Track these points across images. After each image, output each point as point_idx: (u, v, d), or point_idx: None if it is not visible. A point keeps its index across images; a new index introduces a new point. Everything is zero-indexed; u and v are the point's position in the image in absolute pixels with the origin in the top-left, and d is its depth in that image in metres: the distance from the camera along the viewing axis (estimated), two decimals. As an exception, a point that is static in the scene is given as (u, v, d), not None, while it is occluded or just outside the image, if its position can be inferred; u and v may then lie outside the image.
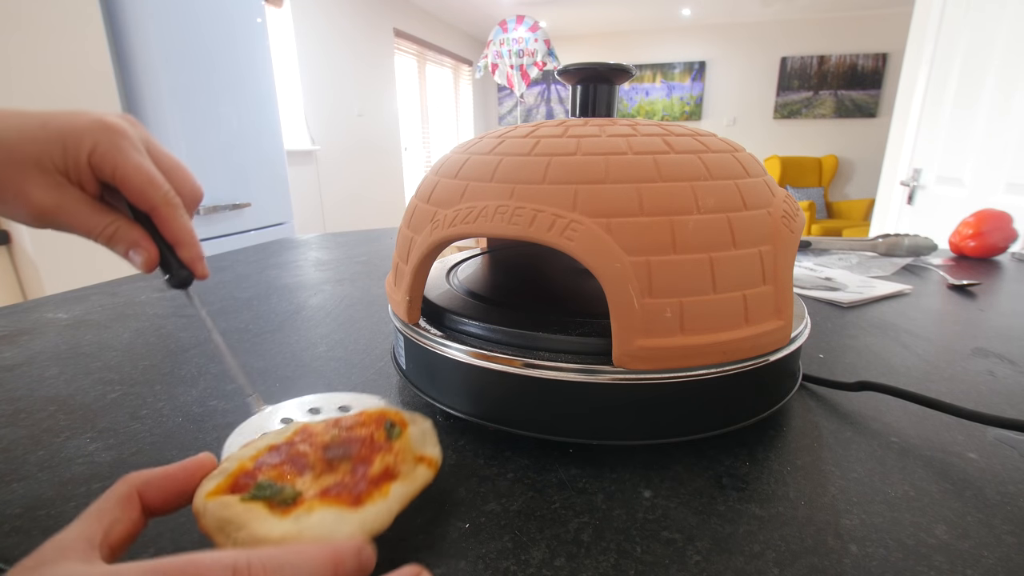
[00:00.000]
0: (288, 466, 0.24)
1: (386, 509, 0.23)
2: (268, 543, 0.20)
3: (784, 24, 4.83)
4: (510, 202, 0.33)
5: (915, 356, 0.50)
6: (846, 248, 0.97)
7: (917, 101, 1.87)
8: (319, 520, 0.21)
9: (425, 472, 0.27)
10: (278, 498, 0.22)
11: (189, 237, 0.32)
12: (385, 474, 0.25)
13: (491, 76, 3.92)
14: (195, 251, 0.32)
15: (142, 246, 0.30)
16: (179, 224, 0.31)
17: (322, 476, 0.24)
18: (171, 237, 0.31)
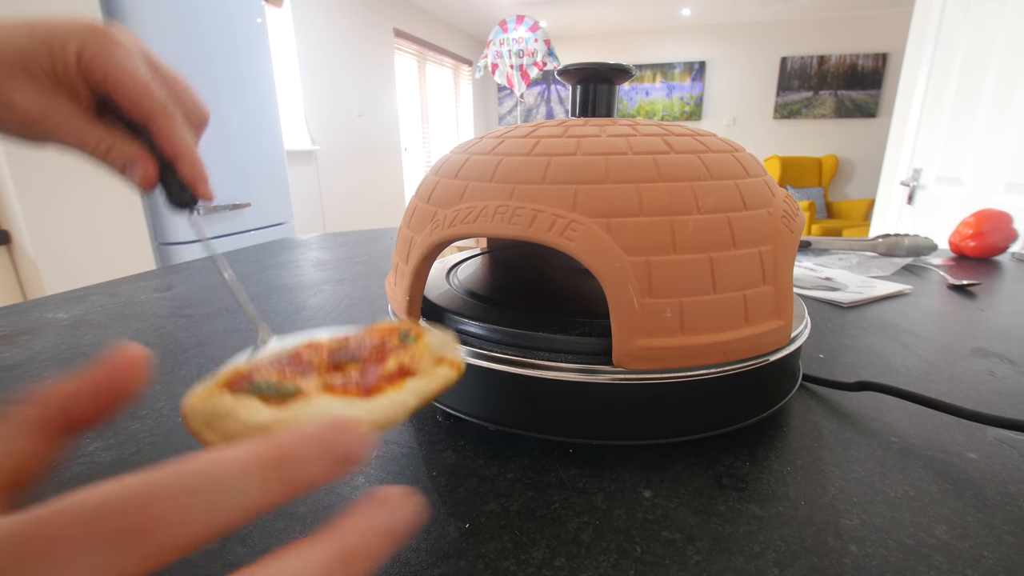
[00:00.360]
0: (290, 369, 0.21)
1: (400, 400, 0.20)
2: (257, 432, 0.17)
3: (784, 24, 4.83)
4: (510, 202, 0.33)
5: (915, 356, 0.50)
6: (846, 248, 0.97)
7: (917, 101, 1.87)
8: (321, 405, 0.18)
9: (447, 371, 0.23)
10: (275, 392, 0.19)
11: (189, 152, 0.29)
12: (400, 372, 0.22)
13: (491, 76, 3.92)
14: (196, 169, 0.30)
15: (139, 162, 0.28)
16: (178, 137, 0.29)
17: (328, 376, 0.21)
18: (170, 151, 0.29)
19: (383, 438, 0.36)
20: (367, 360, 0.22)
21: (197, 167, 0.30)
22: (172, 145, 0.29)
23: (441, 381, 0.22)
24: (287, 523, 0.28)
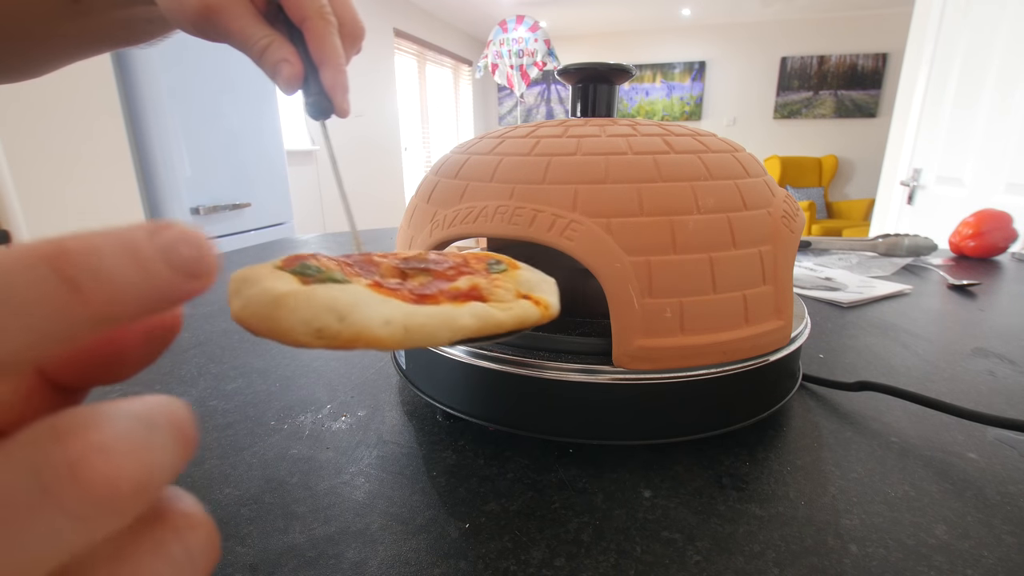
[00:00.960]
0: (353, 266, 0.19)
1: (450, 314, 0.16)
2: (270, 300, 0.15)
3: (784, 24, 4.83)
4: (510, 202, 0.33)
5: (915, 356, 0.50)
6: (846, 248, 0.97)
7: (917, 101, 1.87)
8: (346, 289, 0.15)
9: (527, 307, 0.19)
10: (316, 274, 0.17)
11: (336, 60, 0.30)
12: (471, 293, 0.19)
13: (491, 76, 3.92)
14: (339, 78, 0.30)
15: (291, 60, 0.29)
16: (329, 43, 0.30)
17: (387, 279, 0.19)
18: (318, 55, 0.30)
19: (383, 438, 0.36)
20: (439, 275, 0.20)
21: (340, 76, 0.30)
22: (321, 50, 0.30)
23: (516, 314, 0.19)
24: (287, 522, 0.28)
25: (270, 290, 0.15)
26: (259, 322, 0.15)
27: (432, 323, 0.16)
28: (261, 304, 0.15)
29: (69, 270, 0.09)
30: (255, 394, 0.42)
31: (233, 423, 0.38)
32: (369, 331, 0.14)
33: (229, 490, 0.31)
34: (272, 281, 0.15)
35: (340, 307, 0.14)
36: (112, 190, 1.57)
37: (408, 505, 0.29)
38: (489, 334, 0.17)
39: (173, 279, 0.09)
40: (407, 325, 0.15)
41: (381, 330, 0.15)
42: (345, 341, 0.14)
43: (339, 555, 0.26)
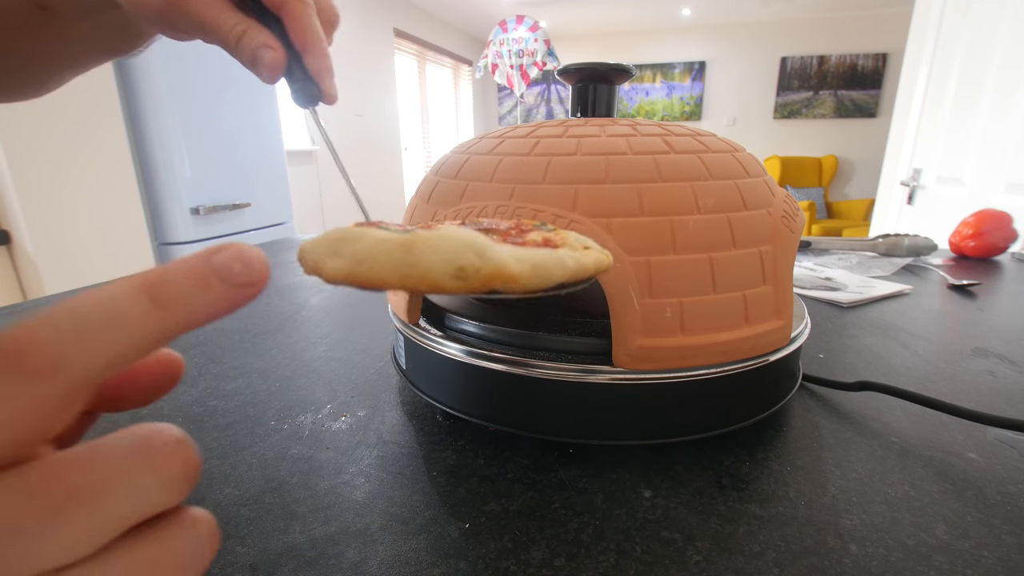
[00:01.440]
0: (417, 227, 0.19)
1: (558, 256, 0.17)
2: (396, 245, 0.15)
3: (784, 24, 4.83)
4: (510, 202, 0.33)
5: (915, 356, 0.50)
6: (846, 248, 0.97)
7: (917, 101, 1.87)
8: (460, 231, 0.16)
9: (601, 253, 0.20)
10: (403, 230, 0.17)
11: (319, 44, 0.29)
12: (546, 243, 0.19)
13: (491, 76, 3.92)
14: (324, 62, 0.29)
15: (271, 45, 0.28)
16: (309, 26, 0.29)
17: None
18: (300, 41, 0.29)
19: (383, 438, 0.36)
20: (504, 233, 0.19)
21: (325, 60, 0.29)
22: (303, 34, 0.29)
23: (594, 259, 0.19)
24: (287, 522, 0.28)
25: (394, 237, 0.15)
26: (387, 270, 0.15)
27: (549, 261, 0.16)
28: (387, 252, 0.15)
29: (156, 296, 0.12)
30: (255, 394, 0.42)
31: (233, 423, 0.38)
32: (506, 267, 0.15)
33: (229, 490, 0.31)
34: (377, 232, 0.15)
35: (477, 245, 0.15)
36: (112, 190, 1.57)
37: (408, 505, 0.29)
38: (579, 279, 0.18)
39: (228, 291, 0.13)
40: (534, 262, 0.15)
41: (515, 266, 0.15)
42: (483, 279, 0.14)
43: (339, 555, 0.26)
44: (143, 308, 0.12)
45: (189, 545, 0.13)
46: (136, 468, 0.12)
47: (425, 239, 0.15)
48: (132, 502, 0.12)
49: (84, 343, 0.11)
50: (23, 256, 1.42)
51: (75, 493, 0.12)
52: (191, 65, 1.69)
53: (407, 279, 0.15)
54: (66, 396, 0.12)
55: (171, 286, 0.12)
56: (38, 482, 0.12)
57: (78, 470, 0.12)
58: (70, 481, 0.12)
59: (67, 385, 0.11)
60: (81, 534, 0.12)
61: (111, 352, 0.12)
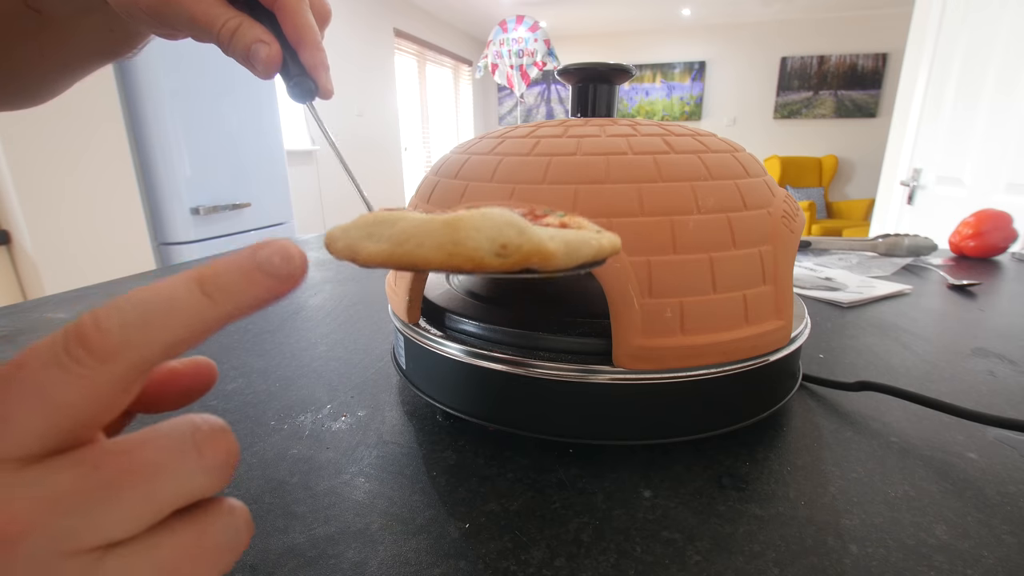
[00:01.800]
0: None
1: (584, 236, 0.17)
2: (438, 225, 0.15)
3: (784, 24, 4.83)
4: (510, 202, 0.33)
5: (915, 356, 0.50)
6: (846, 248, 0.97)
7: (917, 101, 1.87)
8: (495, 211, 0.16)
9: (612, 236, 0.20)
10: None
11: (313, 39, 0.29)
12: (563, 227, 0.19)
13: (491, 76, 3.92)
14: (319, 56, 0.29)
15: (265, 40, 0.28)
16: (303, 20, 0.28)
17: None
18: (294, 35, 0.28)
19: (383, 438, 0.36)
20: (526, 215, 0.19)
21: (320, 55, 0.29)
22: (297, 29, 0.29)
23: (610, 240, 0.19)
24: (287, 522, 0.28)
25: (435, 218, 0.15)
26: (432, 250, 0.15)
27: (577, 240, 0.17)
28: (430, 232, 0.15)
29: (207, 287, 0.13)
30: (255, 394, 0.42)
31: (233, 423, 0.38)
32: (544, 244, 0.15)
33: (229, 490, 0.31)
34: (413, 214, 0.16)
35: (517, 223, 0.15)
36: (112, 190, 1.57)
37: (408, 505, 0.29)
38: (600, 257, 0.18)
39: (270, 283, 0.14)
40: (566, 240, 0.16)
41: (551, 244, 0.15)
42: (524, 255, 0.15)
43: (339, 555, 0.26)
44: (196, 298, 0.13)
45: (227, 531, 0.14)
46: (186, 452, 0.13)
47: (468, 218, 0.15)
48: (181, 484, 0.13)
49: (144, 328, 0.13)
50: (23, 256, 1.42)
51: (134, 471, 0.13)
52: (191, 65, 1.69)
53: (453, 257, 0.15)
54: (126, 378, 0.13)
55: (220, 278, 0.13)
56: (101, 459, 0.13)
57: (138, 450, 0.13)
58: (131, 460, 0.13)
59: (126, 368, 0.13)
60: (136, 511, 0.13)
61: (167, 337, 0.13)
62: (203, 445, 0.14)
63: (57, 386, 0.12)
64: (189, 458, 0.13)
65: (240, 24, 0.27)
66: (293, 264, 0.14)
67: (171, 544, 0.13)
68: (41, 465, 0.12)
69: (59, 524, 0.12)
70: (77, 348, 0.12)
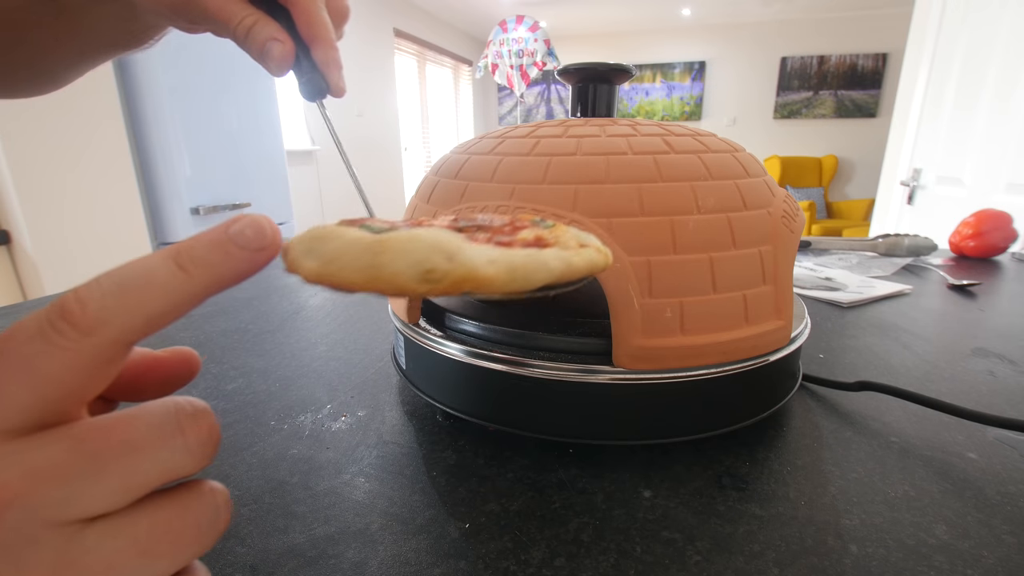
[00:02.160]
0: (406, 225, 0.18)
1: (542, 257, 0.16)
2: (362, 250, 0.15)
3: (784, 24, 4.83)
4: (510, 202, 0.33)
5: (915, 356, 0.50)
6: (846, 248, 0.97)
7: (917, 101, 1.87)
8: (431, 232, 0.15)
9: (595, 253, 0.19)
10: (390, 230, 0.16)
11: (327, 36, 0.29)
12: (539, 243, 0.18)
13: (491, 76, 3.92)
14: (332, 55, 0.29)
15: (280, 38, 0.28)
16: (317, 18, 0.29)
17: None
18: (307, 32, 0.29)
19: (383, 438, 0.36)
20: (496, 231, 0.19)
21: (332, 53, 0.29)
22: (311, 27, 0.29)
23: (587, 259, 0.18)
24: (287, 522, 0.28)
25: (363, 238, 0.14)
26: (355, 272, 0.14)
27: (530, 263, 0.15)
28: (355, 254, 0.15)
29: (182, 261, 0.14)
30: (255, 394, 0.42)
31: (233, 423, 0.38)
32: (477, 270, 0.14)
33: (229, 490, 0.31)
34: (349, 232, 0.15)
35: (446, 247, 0.14)
36: (112, 190, 1.57)
37: (408, 505, 0.29)
38: (568, 280, 0.17)
39: (243, 255, 0.14)
40: (510, 264, 0.15)
41: (488, 269, 0.14)
42: (451, 283, 0.14)
43: (339, 555, 0.26)
44: (171, 271, 0.14)
45: (207, 510, 0.15)
46: (169, 430, 0.14)
47: (394, 240, 0.14)
48: (163, 462, 0.14)
49: (123, 301, 0.13)
50: (23, 256, 1.42)
51: (118, 447, 0.13)
52: (191, 65, 1.69)
53: (374, 282, 0.14)
54: (109, 351, 0.13)
55: (194, 251, 0.14)
56: (87, 433, 0.13)
57: (122, 427, 0.13)
58: (114, 436, 0.13)
59: (107, 340, 0.13)
60: (118, 486, 0.13)
61: (146, 309, 0.13)
62: (186, 425, 0.14)
63: (42, 358, 0.12)
64: (172, 437, 0.14)
65: (256, 21, 0.28)
66: (265, 237, 0.15)
67: (150, 520, 0.14)
68: (27, 438, 0.13)
69: (43, 495, 0.12)
70: (60, 322, 0.13)
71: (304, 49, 0.29)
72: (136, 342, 0.14)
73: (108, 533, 0.13)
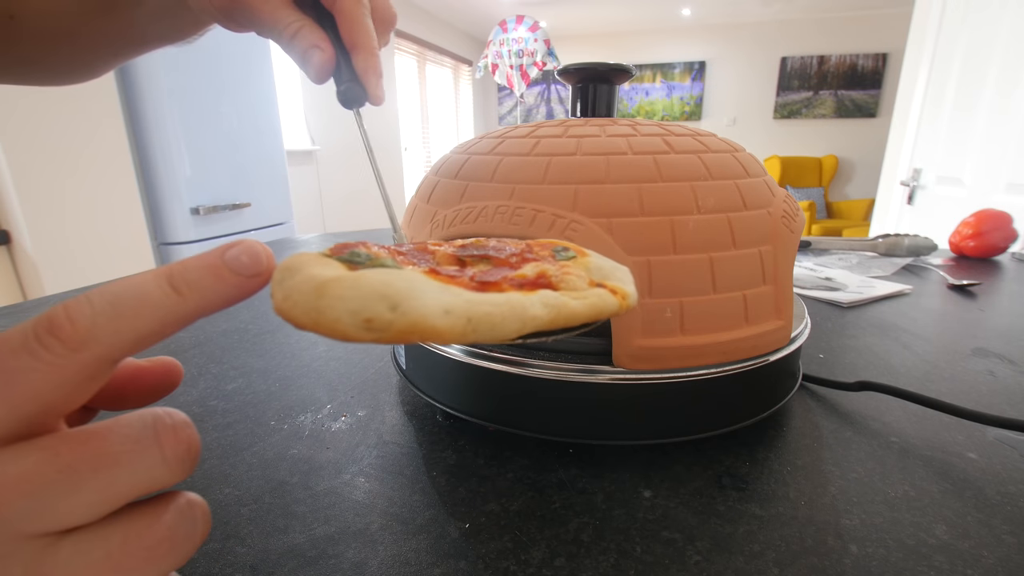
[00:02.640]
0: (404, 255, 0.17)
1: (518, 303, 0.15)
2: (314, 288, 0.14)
3: (784, 24, 4.83)
4: (510, 202, 0.33)
5: (915, 356, 0.50)
6: (846, 248, 0.97)
7: (917, 101, 1.87)
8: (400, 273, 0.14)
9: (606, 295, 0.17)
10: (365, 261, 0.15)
11: (368, 44, 0.29)
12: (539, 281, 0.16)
13: (491, 76, 3.92)
14: (372, 62, 0.29)
15: (321, 46, 0.28)
16: (361, 25, 0.29)
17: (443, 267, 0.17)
18: (350, 39, 0.29)
19: (383, 438, 0.36)
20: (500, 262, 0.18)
21: (373, 60, 0.29)
22: (353, 33, 0.29)
23: (591, 304, 0.16)
24: (287, 522, 0.28)
25: (315, 277, 0.14)
26: (302, 313, 0.13)
27: (499, 312, 0.14)
28: (304, 293, 0.14)
29: (176, 283, 0.14)
30: (255, 394, 0.42)
31: (233, 423, 0.38)
32: (426, 321, 0.13)
33: (229, 490, 0.31)
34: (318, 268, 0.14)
35: (392, 294, 0.13)
36: (112, 190, 1.57)
37: (408, 505, 0.29)
38: (562, 326, 0.16)
39: (236, 280, 0.14)
40: (470, 315, 0.13)
41: (440, 320, 0.13)
42: (397, 333, 0.13)
43: (339, 555, 0.26)
44: (165, 292, 0.14)
45: (183, 523, 0.15)
46: (146, 443, 0.14)
47: (337, 283, 0.13)
48: (139, 474, 0.13)
49: (113, 320, 0.13)
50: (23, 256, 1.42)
51: (94, 460, 0.13)
52: (192, 65, 1.68)
53: (319, 326, 0.13)
54: (94, 368, 0.13)
55: (189, 274, 0.14)
56: (62, 445, 0.13)
57: (98, 440, 0.13)
58: (91, 448, 0.13)
59: (94, 357, 0.13)
60: (93, 498, 0.13)
61: (136, 329, 0.13)
62: (164, 437, 0.14)
63: (26, 373, 0.12)
64: (149, 450, 0.14)
65: (302, 27, 0.28)
66: (259, 263, 0.15)
67: (124, 533, 0.14)
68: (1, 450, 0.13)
69: (17, 507, 0.12)
70: (48, 336, 0.13)
71: (345, 55, 0.29)
72: (122, 360, 0.14)
73: (81, 547, 0.13)
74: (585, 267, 0.19)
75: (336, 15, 0.29)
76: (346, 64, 0.29)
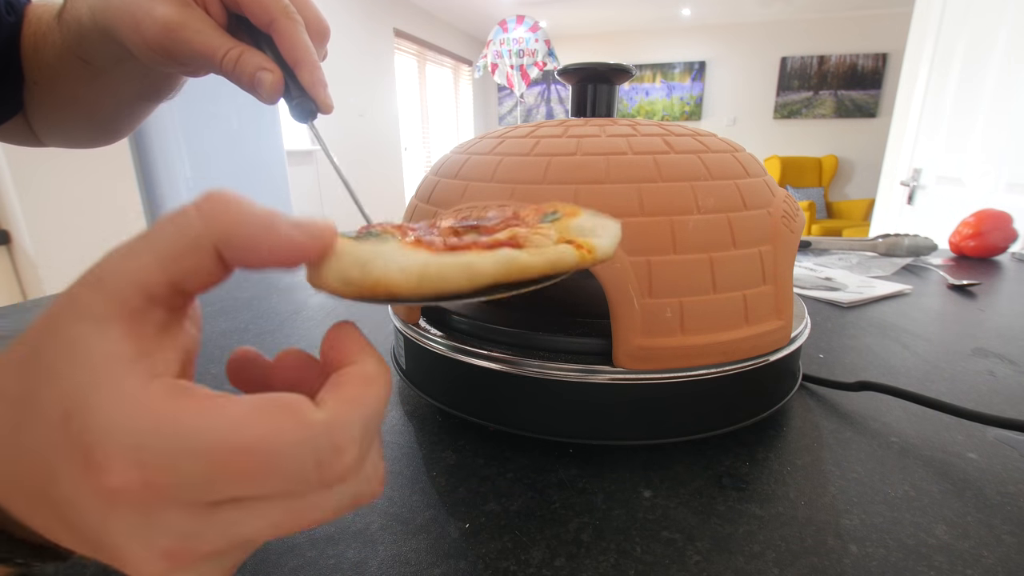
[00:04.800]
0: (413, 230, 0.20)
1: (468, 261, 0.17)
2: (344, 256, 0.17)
3: (784, 24, 4.83)
4: (510, 202, 0.33)
5: (915, 356, 0.50)
6: (846, 248, 0.97)
7: (917, 101, 1.87)
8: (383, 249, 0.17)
9: (565, 249, 0.18)
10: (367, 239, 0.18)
11: (310, 58, 0.30)
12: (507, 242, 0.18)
13: (491, 76, 3.92)
14: (317, 75, 0.30)
15: (267, 67, 0.29)
16: (299, 41, 0.29)
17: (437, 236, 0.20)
18: (291, 57, 0.29)
19: (383, 438, 0.36)
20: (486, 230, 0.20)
21: (317, 73, 0.30)
22: (294, 50, 0.29)
23: (547, 258, 0.18)
24: (287, 523, 0.28)
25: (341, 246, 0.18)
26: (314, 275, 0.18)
27: (448, 267, 0.17)
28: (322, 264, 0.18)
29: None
30: (255, 394, 0.42)
31: (233, 423, 0.38)
32: (387, 278, 0.16)
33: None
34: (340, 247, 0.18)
35: (365, 260, 0.17)
36: (112, 190, 1.57)
37: (408, 505, 0.29)
38: (516, 279, 0.17)
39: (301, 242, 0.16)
40: (423, 272, 0.16)
41: (395, 276, 0.16)
42: (367, 288, 0.17)
43: (339, 555, 0.26)
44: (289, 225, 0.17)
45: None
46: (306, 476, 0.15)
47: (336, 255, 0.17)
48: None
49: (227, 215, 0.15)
50: (23, 256, 1.42)
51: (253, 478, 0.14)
52: (191, 65, 1.68)
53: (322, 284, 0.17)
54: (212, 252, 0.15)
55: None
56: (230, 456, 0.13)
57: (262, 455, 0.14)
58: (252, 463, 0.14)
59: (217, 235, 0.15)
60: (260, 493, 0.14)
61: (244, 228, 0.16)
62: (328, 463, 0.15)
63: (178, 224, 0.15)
64: (308, 481, 0.15)
65: (241, 53, 0.29)
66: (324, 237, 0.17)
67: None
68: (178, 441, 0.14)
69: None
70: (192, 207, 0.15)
71: (290, 73, 0.30)
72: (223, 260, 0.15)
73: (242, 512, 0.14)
74: (565, 227, 0.20)
75: (273, 35, 0.29)
76: (292, 81, 0.30)
